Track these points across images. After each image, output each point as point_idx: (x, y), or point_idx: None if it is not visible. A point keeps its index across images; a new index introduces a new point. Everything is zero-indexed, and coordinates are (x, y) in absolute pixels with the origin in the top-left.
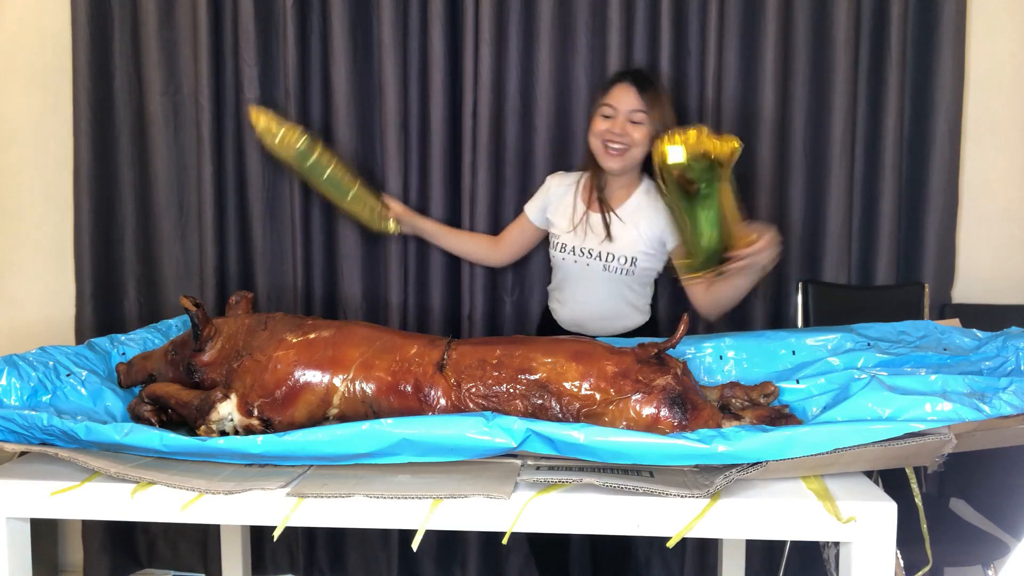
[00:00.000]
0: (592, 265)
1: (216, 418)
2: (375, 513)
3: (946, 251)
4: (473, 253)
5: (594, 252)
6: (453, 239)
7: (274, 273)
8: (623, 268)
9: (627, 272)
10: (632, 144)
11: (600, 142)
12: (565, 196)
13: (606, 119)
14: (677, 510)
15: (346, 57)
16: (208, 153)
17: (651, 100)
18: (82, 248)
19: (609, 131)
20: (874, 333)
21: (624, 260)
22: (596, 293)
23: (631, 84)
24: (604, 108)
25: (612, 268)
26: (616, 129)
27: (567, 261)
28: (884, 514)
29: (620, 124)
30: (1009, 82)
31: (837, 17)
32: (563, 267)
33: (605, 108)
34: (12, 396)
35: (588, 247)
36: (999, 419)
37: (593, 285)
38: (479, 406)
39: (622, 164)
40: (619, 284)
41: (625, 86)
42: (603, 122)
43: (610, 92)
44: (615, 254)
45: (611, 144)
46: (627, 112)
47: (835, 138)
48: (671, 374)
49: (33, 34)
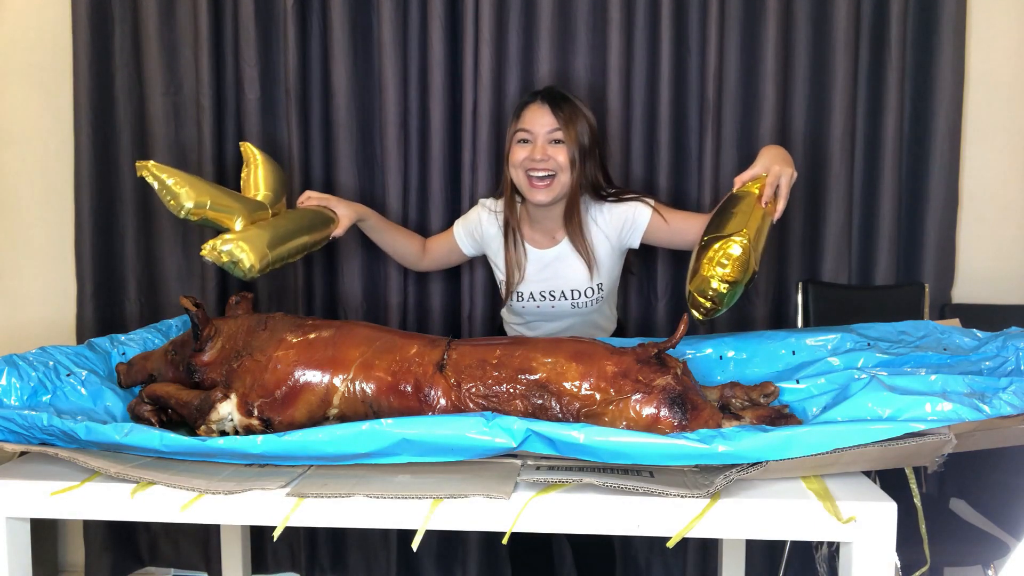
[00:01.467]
0: (558, 306)
1: (216, 418)
2: (375, 513)
3: (946, 251)
4: (401, 256)
5: (556, 294)
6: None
7: (274, 273)
8: (592, 299)
9: (597, 300)
10: (558, 169)
11: (523, 173)
12: (498, 236)
13: (523, 145)
14: (677, 510)
15: (346, 57)
16: (209, 153)
17: (568, 118)
18: (83, 248)
19: (529, 158)
20: (874, 333)
21: (592, 292)
22: (571, 325)
23: (544, 103)
24: (520, 134)
25: (581, 303)
26: (537, 155)
27: (527, 308)
28: (884, 514)
29: (540, 148)
30: (1009, 82)
31: (837, 17)
32: (519, 312)
33: (521, 133)
34: (12, 396)
35: (548, 290)
36: (999, 419)
37: (565, 320)
38: (479, 406)
39: (552, 195)
40: (589, 313)
41: (537, 106)
42: (521, 149)
43: (522, 116)
44: (580, 289)
45: (534, 173)
46: (545, 134)
47: (835, 138)
48: (671, 374)
49: (33, 34)
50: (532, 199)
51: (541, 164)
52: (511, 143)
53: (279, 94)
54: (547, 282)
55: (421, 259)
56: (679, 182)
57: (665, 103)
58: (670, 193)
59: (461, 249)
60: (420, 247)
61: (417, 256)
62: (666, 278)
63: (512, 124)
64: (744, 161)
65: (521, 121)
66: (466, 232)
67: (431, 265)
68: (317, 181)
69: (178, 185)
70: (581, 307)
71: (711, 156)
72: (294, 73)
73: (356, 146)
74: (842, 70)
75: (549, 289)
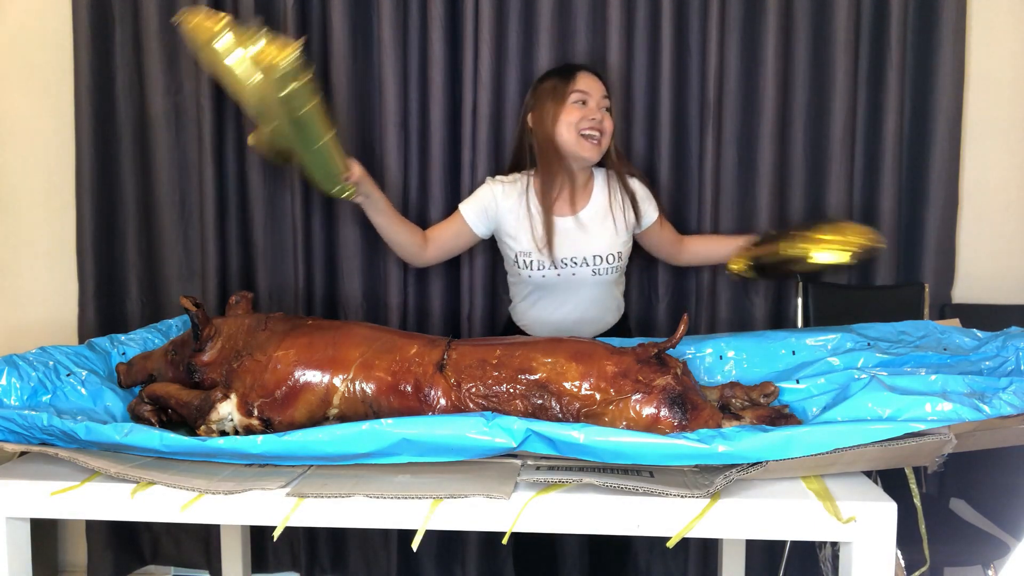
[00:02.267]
0: (579, 273)
1: (216, 418)
2: (375, 513)
3: (946, 251)
4: (403, 247)
5: (578, 260)
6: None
7: (275, 273)
8: (612, 267)
9: (616, 269)
10: (606, 132)
11: (575, 132)
12: (516, 207)
13: (579, 106)
14: (677, 510)
15: (346, 57)
16: (209, 153)
17: (610, 91)
18: (84, 248)
19: (586, 118)
20: (874, 333)
21: (613, 258)
22: (582, 301)
23: (591, 72)
24: (576, 95)
25: (602, 270)
26: (594, 115)
27: (547, 277)
28: (884, 514)
29: (595, 110)
30: (1009, 82)
31: (837, 17)
32: (539, 283)
33: (577, 95)
34: (12, 396)
35: (570, 256)
36: (999, 419)
37: (580, 293)
38: (479, 406)
39: (598, 153)
40: (608, 284)
41: (589, 74)
42: (578, 110)
43: (576, 79)
44: (602, 255)
45: (590, 133)
46: (599, 99)
47: (835, 138)
48: (671, 374)
49: (34, 34)
50: (583, 154)
51: (596, 124)
52: (560, 106)
53: None
54: (571, 248)
55: (423, 251)
56: (679, 182)
57: (665, 103)
58: (670, 193)
59: (472, 229)
60: (422, 240)
61: (419, 248)
62: (666, 278)
63: (559, 85)
64: (744, 161)
65: (576, 83)
66: (477, 211)
67: (435, 255)
68: None
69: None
70: (602, 274)
71: (711, 156)
72: None
73: (356, 146)
74: (842, 70)
75: (571, 256)
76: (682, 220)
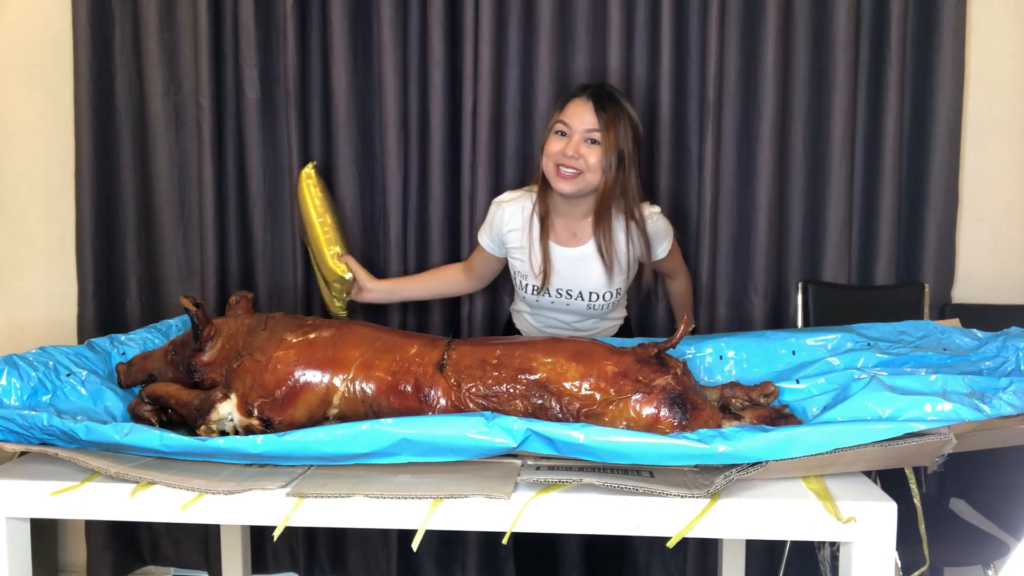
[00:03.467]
0: (573, 304)
1: (216, 418)
2: (375, 513)
3: (946, 251)
4: (447, 290)
5: (573, 293)
6: (419, 285)
7: (275, 273)
8: (609, 303)
9: (611, 305)
10: (586, 168)
11: (552, 164)
12: (518, 228)
13: (560, 137)
14: (677, 510)
15: (346, 57)
16: (209, 153)
17: (609, 120)
18: (84, 248)
19: (561, 152)
20: (874, 333)
21: (609, 295)
22: (575, 321)
23: (588, 100)
24: (558, 125)
25: (597, 306)
26: (569, 151)
27: (541, 301)
28: (884, 514)
29: (574, 145)
30: (1009, 82)
31: (837, 17)
32: (533, 304)
33: (559, 125)
34: (12, 396)
35: (566, 288)
36: (999, 419)
37: (573, 315)
38: (479, 406)
39: (575, 188)
40: (603, 312)
41: (581, 102)
42: (556, 141)
43: (565, 108)
44: (598, 292)
45: (562, 167)
46: (582, 132)
47: (835, 138)
48: (671, 374)
49: (33, 34)
50: (556, 187)
51: (571, 161)
52: (549, 132)
53: (279, 94)
54: (567, 281)
55: (468, 283)
56: (679, 182)
57: (665, 103)
58: (670, 193)
59: (493, 256)
60: (459, 276)
61: (461, 284)
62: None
63: (553, 114)
64: (744, 161)
65: (563, 113)
66: (490, 237)
67: (479, 283)
68: None
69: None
70: (596, 309)
71: (711, 156)
72: (294, 73)
73: (356, 146)
74: (842, 70)
75: (567, 288)
76: (682, 220)
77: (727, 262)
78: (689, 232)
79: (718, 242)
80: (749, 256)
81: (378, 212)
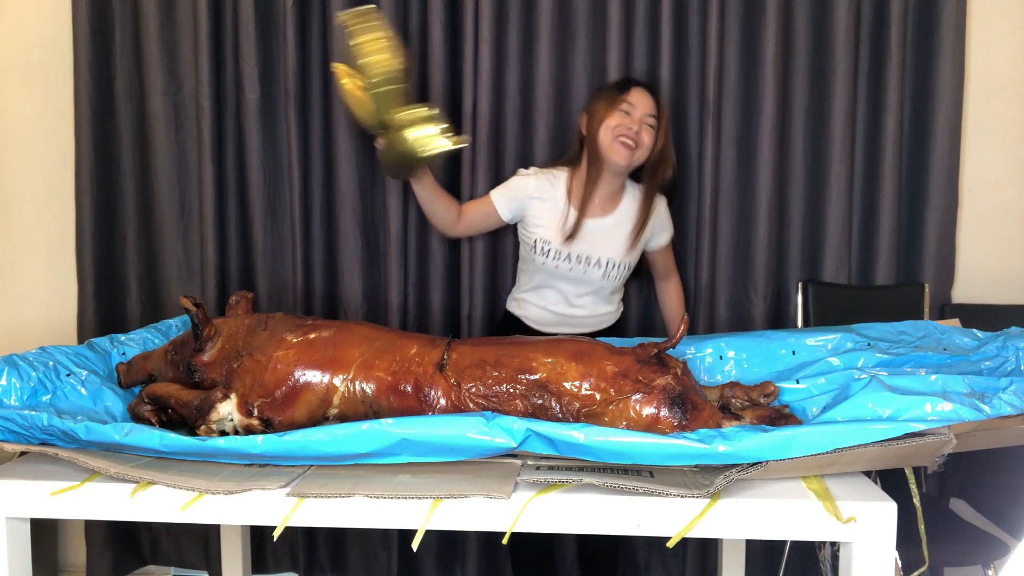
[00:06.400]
0: (589, 272)
1: (216, 418)
2: (375, 513)
3: (946, 251)
4: (439, 218)
5: (592, 259)
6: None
7: (274, 273)
8: (620, 275)
9: (622, 277)
10: (640, 144)
11: (611, 136)
12: (548, 198)
13: (623, 114)
14: (677, 510)
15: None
16: (209, 153)
17: (662, 110)
18: (84, 248)
19: (625, 126)
20: (874, 333)
21: (624, 267)
22: (586, 295)
23: (646, 91)
24: (623, 104)
25: (611, 275)
26: (633, 125)
27: (560, 267)
28: (884, 514)
29: (636, 121)
30: (1009, 82)
31: (837, 17)
32: (550, 271)
33: (624, 104)
34: (12, 396)
35: (586, 254)
36: (999, 419)
37: (585, 288)
38: (479, 406)
39: (628, 160)
40: (610, 288)
41: (642, 91)
42: (620, 117)
43: (629, 92)
44: (615, 261)
45: (624, 139)
46: (643, 114)
47: (835, 138)
48: (671, 374)
49: (33, 34)
50: (610, 156)
51: (632, 134)
52: (607, 111)
53: (279, 94)
54: (590, 246)
55: (456, 224)
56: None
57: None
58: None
59: (498, 214)
60: (456, 214)
61: (453, 221)
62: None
63: (613, 95)
64: (744, 161)
65: (627, 95)
66: (506, 197)
67: (465, 230)
68: (317, 181)
69: None
70: (609, 279)
71: (711, 156)
72: (294, 73)
73: (356, 146)
74: (842, 70)
75: (588, 254)
76: (682, 220)
77: (727, 262)
78: (689, 232)
79: (718, 242)
80: (749, 256)
81: (378, 212)
